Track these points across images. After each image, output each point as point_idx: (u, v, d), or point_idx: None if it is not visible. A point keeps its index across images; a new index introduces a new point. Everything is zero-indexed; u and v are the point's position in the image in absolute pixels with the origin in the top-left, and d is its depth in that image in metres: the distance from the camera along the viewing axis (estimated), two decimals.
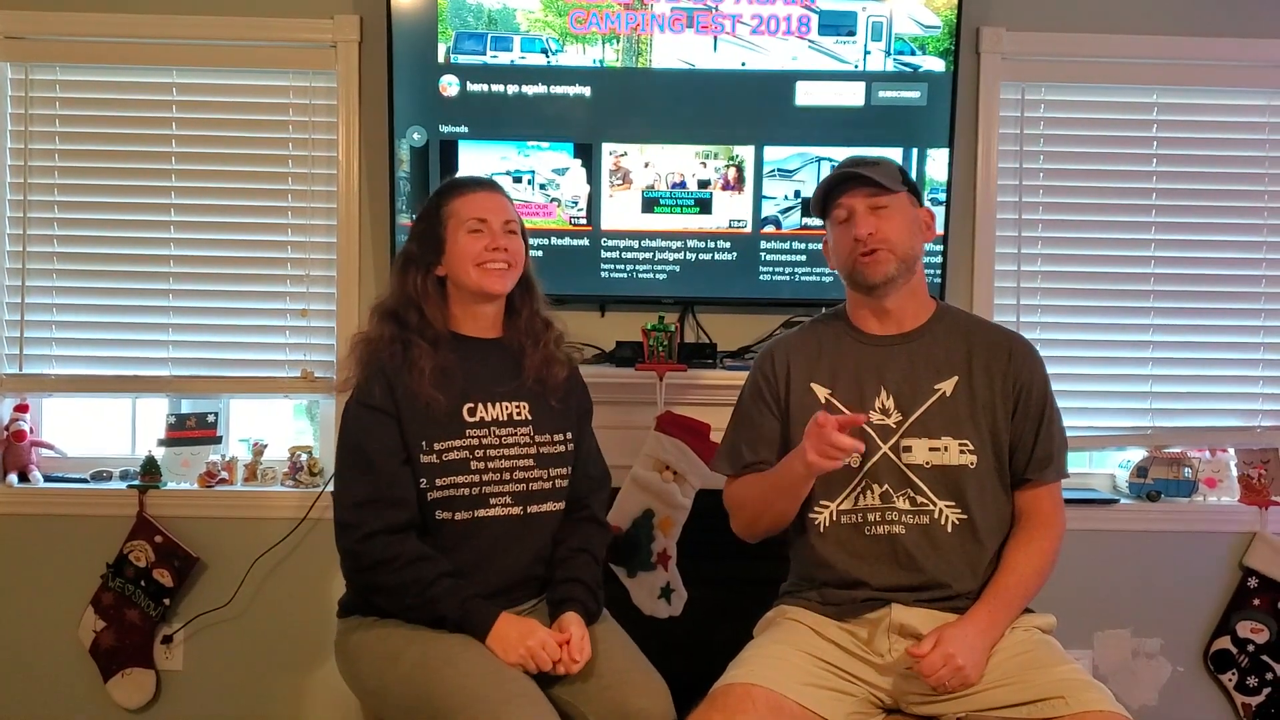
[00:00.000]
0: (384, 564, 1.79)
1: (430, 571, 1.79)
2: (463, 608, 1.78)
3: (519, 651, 1.74)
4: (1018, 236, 2.88)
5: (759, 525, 1.93)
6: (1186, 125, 2.90)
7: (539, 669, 1.75)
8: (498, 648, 1.75)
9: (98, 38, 2.78)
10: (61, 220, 2.84)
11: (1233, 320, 2.92)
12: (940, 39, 2.68)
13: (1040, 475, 1.88)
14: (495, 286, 1.92)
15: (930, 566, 1.82)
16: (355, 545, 1.81)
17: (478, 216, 1.91)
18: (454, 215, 1.92)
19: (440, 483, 1.84)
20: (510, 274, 1.93)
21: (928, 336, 1.93)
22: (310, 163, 2.83)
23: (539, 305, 2.02)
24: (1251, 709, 2.83)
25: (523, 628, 1.78)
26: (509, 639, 1.76)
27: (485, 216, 1.91)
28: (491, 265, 1.90)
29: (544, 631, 1.78)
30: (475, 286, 1.91)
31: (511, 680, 1.70)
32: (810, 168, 2.71)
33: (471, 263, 1.89)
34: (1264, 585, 2.82)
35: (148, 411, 2.96)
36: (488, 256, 1.89)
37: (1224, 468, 2.91)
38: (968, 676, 1.69)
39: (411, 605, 1.80)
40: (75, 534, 2.77)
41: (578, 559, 1.92)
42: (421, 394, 1.84)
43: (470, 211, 1.91)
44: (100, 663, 2.74)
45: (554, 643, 1.76)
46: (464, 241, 1.89)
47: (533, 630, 1.77)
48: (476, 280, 1.90)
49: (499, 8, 2.65)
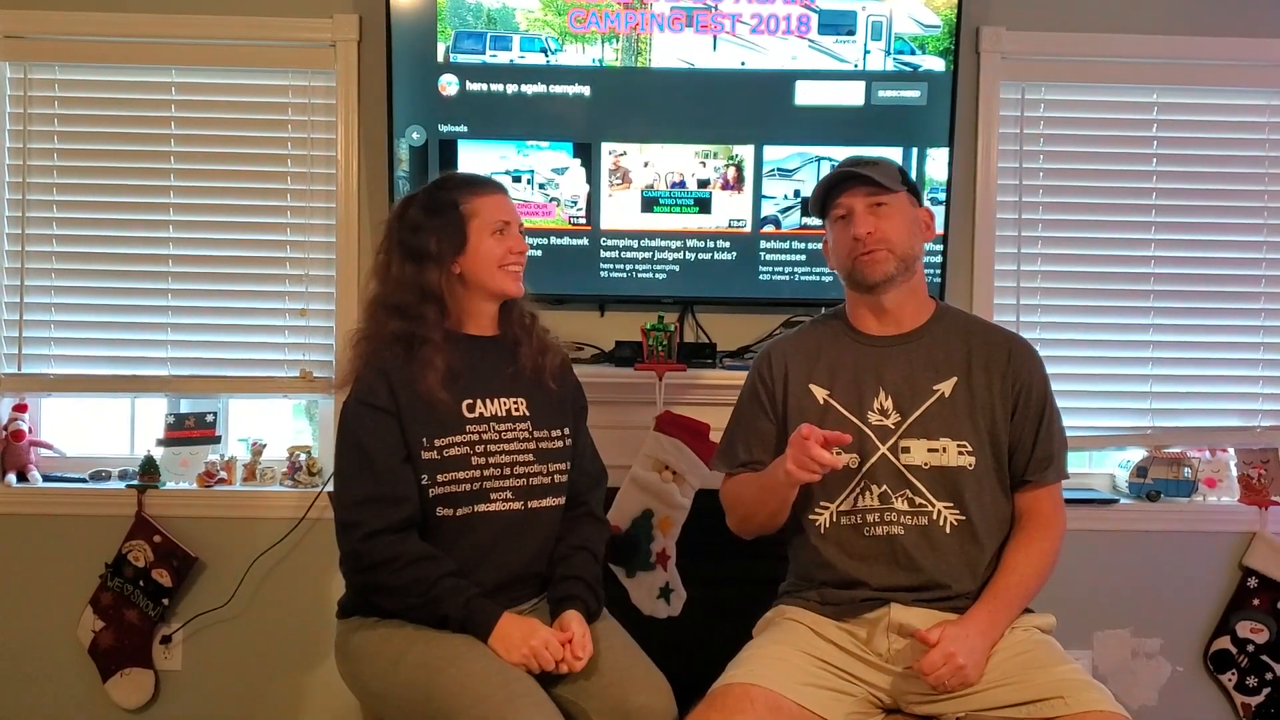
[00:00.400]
0: (386, 563, 1.79)
1: (433, 571, 1.79)
2: (466, 608, 1.78)
3: (522, 651, 1.74)
4: (1017, 236, 2.88)
5: (751, 524, 1.94)
6: (1187, 125, 2.90)
7: (542, 669, 1.75)
8: (500, 648, 1.75)
9: (97, 37, 2.78)
10: (60, 220, 2.83)
11: (1233, 320, 2.91)
12: (940, 38, 2.68)
13: (1040, 476, 1.87)
14: (515, 289, 1.95)
15: (929, 567, 1.82)
16: (357, 545, 1.80)
17: (504, 219, 1.93)
18: (477, 215, 1.92)
19: (441, 479, 1.84)
20: (521, 275, 1.97)
21: (927, 337, 1.92)
22: (309, 162, 2.83)
23: (525, 299, 2.04)
24: (1251, 709, 2.83)
25: (525, 627, 1.78)
26: (512, 639, 1.76)
27: (509, 219, 1.94)
28: (513, 268, 1.93)
29: (546, 631, 1.78)
30: (497, 288, 1.94)
31: (515, 680, 1.70)
32: (810, 167, 2.71)
33: (495, 264, 1.91)
34: (1264, 585, 2.82)
35: (146, 411, 2.96)
36: (511, 259, 1.93)
37: (1224, 468, 2.91)
38: (967, 676, 1.69)
39: (414, 605, 1.79)
40: (74, 534, 2.77)
41: (577, 556, 1.92)
42: (428, 393, 1.84)
43: (496, 214, 1.93)
44: (99, 663, 2.73)
45: (556, 642, 1.76)
46: (489, 243, 1.91)
47: (535, 630, 1.77)
48: (499, 283, 1.93)
49: (498, 7, 2.65)
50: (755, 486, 1.90)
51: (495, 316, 1.99)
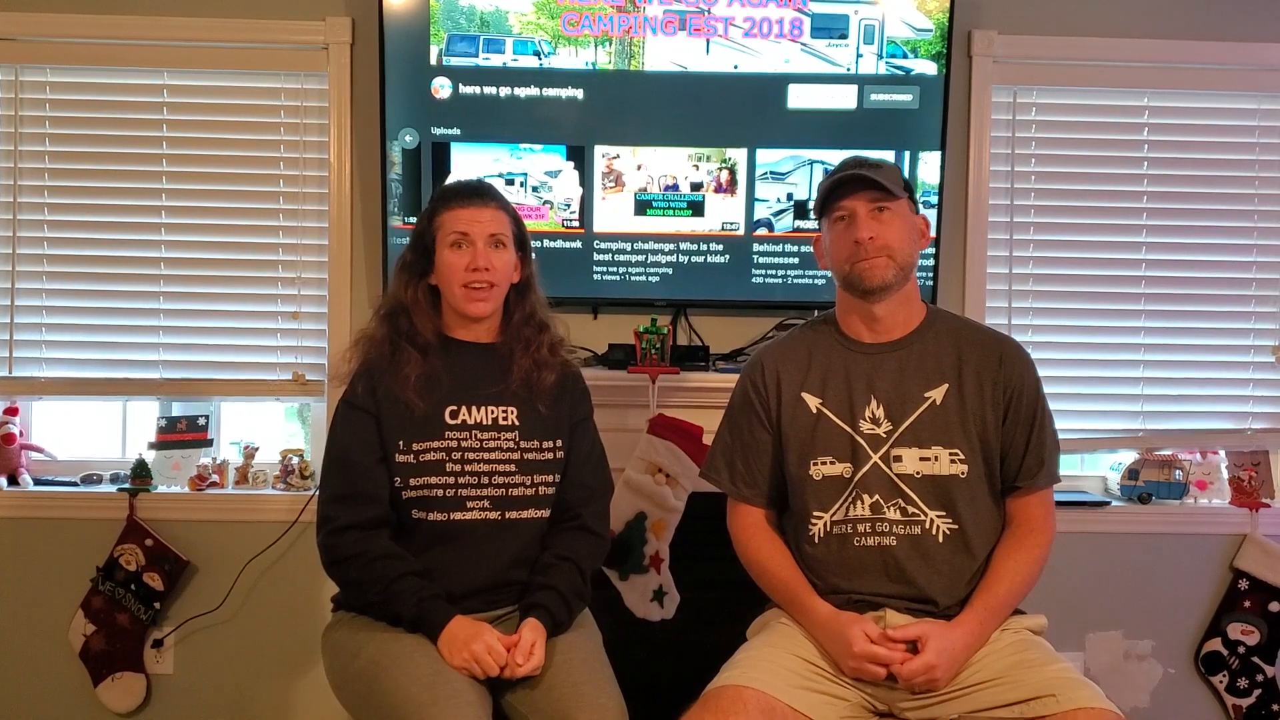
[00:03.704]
0: (353, 558, 1.83)
1: (394, 569, 1.81)
2: (418, 607, 1.79)
3: (463, 655, 1.74)
4: (1009, 239, 2.88)
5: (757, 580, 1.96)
6: (1177, 129, 2.91)
7: (485, 673, 1.74)
8: (445, 649, 1.76)
9: (88, 39, 2.77)
10: (52, 222, 2.82)
11: (1223, 323, 2.93)
12: (932, 42, 2.69)
13: (1031, 482, 1.87)
14: (476, 310, 1.93)
15: (921, 580, 1.81)
16: (327, 539, 1.86)
17: (460, 230, 1.91)
18: (441, 228, 1.93)
19: (415, 482, 1.86)
20: (493, 294, 1.93)
21: (918, 344, 1.91)
22: (302, 165, 2.83)
23: (534, 309, 2.02)
24: (1242, 710, 2.83)
25: (470, 630, 1.77)
26: (456, 641, 1.76)
27: (467, 230, 1.91)
28: (474, 287, 1.91)
29: (491, 635, 1.77)
30: (458, 307, 1.94)
31: (445, 684, 1.69)
32: (803, 170, 2.71)
33: (457, 283, 1.91)
34: (1254, 587, 2.83)
35: (138, 414, 2.95)
36: (471, 278, 1.90)
37: (1215, 470, 2.92)
38: (936, 681, 1.71)
39: (374, 601, 1.83)
40: (65, 537, 2.76)
41: (559, 567, 1.89)
42: (403, 398, 1.87)
43: (453, 225, 1.91)
44: (90, 667, 2.72)
45: (500, 648, 1.75)
46: (448, 257, 1.91)
47: (479, 634, 1.77)
48: (460, 302, 1.92)
49: (491, 10, 2.65)
50: (773, 581, 1.90)
51: (492, 324, 1.99)
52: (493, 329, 1.99)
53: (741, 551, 1.97)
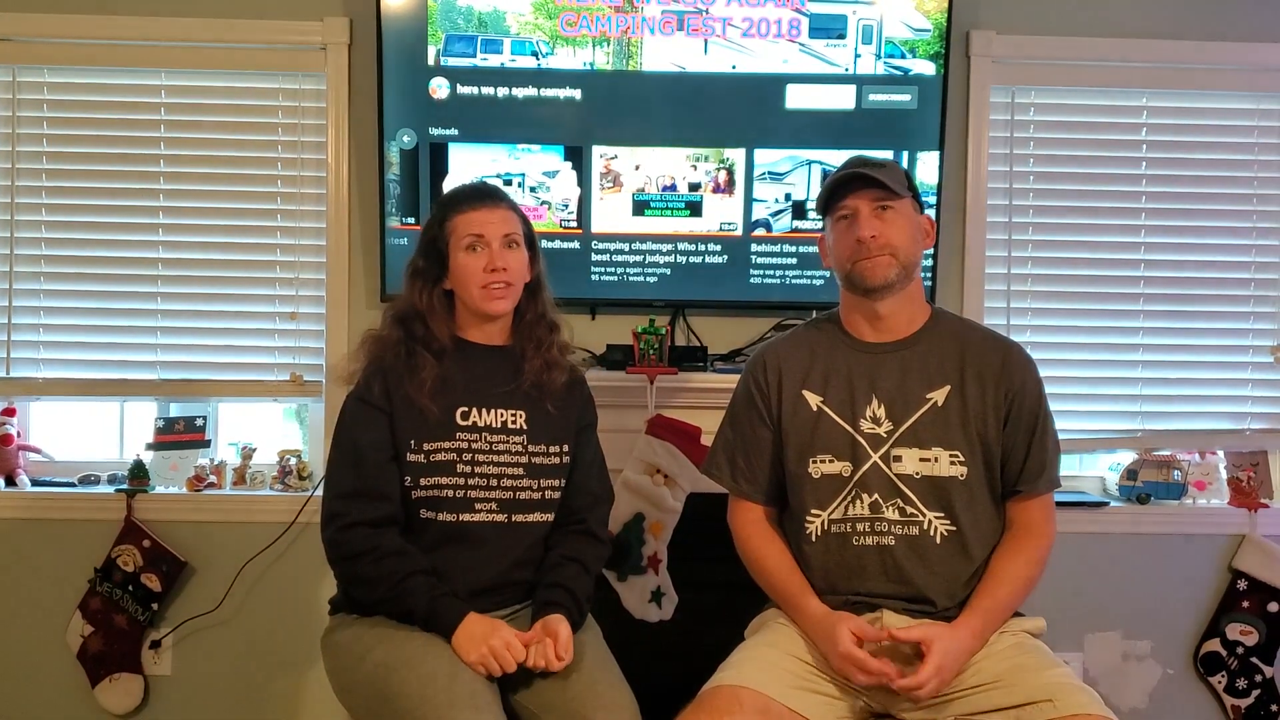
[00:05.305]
0: (362, 555, 1.82)
1: (405, 566, 1.81)
2: (431, 604, 1.79)
3: (480, 651, 1.74)
4: (1008, 239, 2.88)
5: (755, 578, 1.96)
6: (1176, 129, 2.91)
7: (502, 670, 1.74)
8: (461, 646, 1.75)
9: (86, 40, 2.77)
10: (49, 223, 2.82)
11: (1222, 323, 2.93)
12: (930, 42, 2.68)
13: (1032, 487, 1.86)
14: (496, 309, 1.94)
15: (918, 581, 1.81)
16: (336, 534, 1.84)
17: (474, 233, 1.91)
18: (454, 232, 1.93)
19: (425, 482, 1.86)
20: (511, 292, 1.94)
21: (921, 344, 1.91)
22: (299, 165, 2.82)
23: (545, 309, 2.03)
24: (1241, 711, 2.83)
25: (486, 627, 1.77)
26: (474, 637, 1.76)
27: (481, 232, 1.91)
28: (493, 287, 1.91)
29: (508, 631, 1.77)
30: (477, 308, 1.93)
31: (463, 685, 1.69)
32: (801, 171, 2.71)
33: (475, 285, 1.91)
34: (1253, 588, 2.83)
35: (136, 415, 2.95)
36: (489, 279, 1.90)
37: (1213, 470, 2.92)
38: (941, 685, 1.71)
39: (384, 598, 1.82)
40: (63, 538, 2.76)
41: (567, 567, 1.90)
42: (418, 401, 1.87)
43: (467, 228, 1.92)
44: (88, 668, 2.72)
45: (518, 644, 1.75)
46: (464, 260, 1.91)
47: (496, 630, 1.77)
48: (479, 302, 1.92)
49: (489, 10, 2.65)
50: (772, 580, 1.90)
51: (505, 326, 2.00)
52: (505, 330, 2.00)
53: (741, 548, 1.97)
